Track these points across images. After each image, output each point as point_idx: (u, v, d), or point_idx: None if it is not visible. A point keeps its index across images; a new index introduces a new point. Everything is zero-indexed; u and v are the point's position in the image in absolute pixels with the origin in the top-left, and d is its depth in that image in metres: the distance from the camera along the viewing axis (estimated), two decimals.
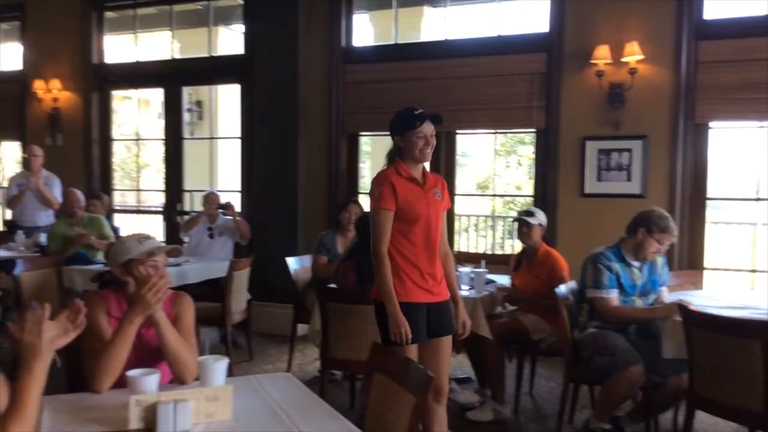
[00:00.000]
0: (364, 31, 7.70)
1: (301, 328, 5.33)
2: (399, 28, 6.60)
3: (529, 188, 7.69)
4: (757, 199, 5.85)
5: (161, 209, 7.69)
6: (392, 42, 6.57)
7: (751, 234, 6.36)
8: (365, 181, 9.33)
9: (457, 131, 6.39)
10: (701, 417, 3.67)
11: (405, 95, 6.23)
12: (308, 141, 6.57)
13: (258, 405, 2.15)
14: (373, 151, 9.22)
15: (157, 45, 8.78)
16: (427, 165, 3.26)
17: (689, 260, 5.45)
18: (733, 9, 5.48)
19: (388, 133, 3.20)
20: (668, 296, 3.89)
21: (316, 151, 6.57)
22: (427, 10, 7.45)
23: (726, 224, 7.71)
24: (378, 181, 3.12)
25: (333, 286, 4.28)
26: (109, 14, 7.85)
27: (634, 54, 5.25)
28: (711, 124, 5.43)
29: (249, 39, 6.87)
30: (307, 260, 5.46)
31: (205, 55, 7.40)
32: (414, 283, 3.08)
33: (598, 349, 3.68)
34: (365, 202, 7.33)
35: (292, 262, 5.37)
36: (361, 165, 7.23)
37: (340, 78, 6.50)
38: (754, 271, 6.12)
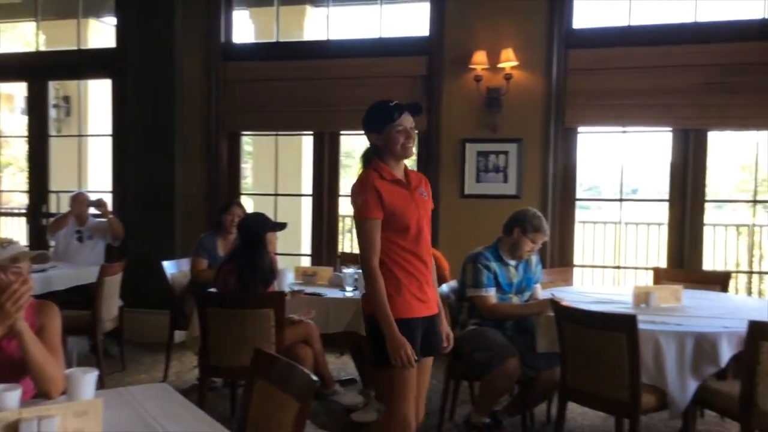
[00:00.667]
0: (245, 27, 7.55)
1: (179, 335, 5.13)
2: (281, 27, 6.51)
3: None
4: (620, 200, 6.23)
5: (24, 211, 7.19)
6: (274, 40, 6.47)
7: (615, 232, 6.80)
8: (248, 182, 9.15)
9: (341, 132, 6.39)
10: (572, 407, 3.85)
11: (287, 95, 6.19)
12: (186, 139, 6.36)
13: (131, 418, 2.03)
14: (255, 151, 9.05)
15: (20, 36, 8.20)
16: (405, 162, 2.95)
17: (560, 258, 5.72)
18: (599, 19, 5.81)
19: (362, 132, 2.92)
20: (542, 293, 4.06)
21: (194, 149, 6.37)
22: (310, 10, 7.41)
23: (593, 223, 8.18)
24: (360, 187, 2.79)
25: (213, 290, 4.15)
26: None
27: (509, 60, 5.45)
28: (579, 128, 5.73)
29: (121, 32, 6.55)
30: (184, 264, 5.27)
31: (74, 48, 6.98)
32: (413, 295, 2.79)
33: (477, 345, 3.78)
34: (247, 203, 7.20)
35: (168, 266, 5.16)
36: (243, 165, 7.08)
37: (220, 75, 6.33)
38: (618, 267, 6.53)
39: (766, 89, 5.20)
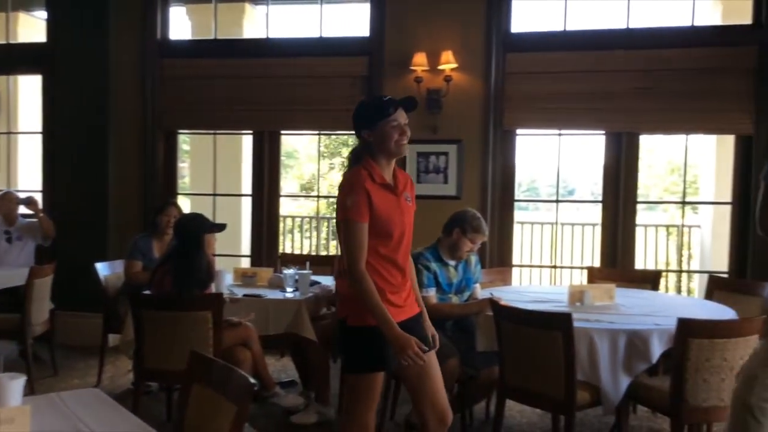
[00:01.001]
0: (182, 24, 7.40)
1: (113, 339, 5.01)
2: (219, 24, 6.41)
3: None
4: (557, 201, 6.37)
5: None
6: (212, 37, 6.37)
7: (552, 233, 6.94)
8: (185, 181, 8.98)
9: (282, 132, 6.34)
10: (510, 405, 3.92)
11: (226, 93, 6.11)
12: (120, 138, 6.20)
13: (61, 425, 1.96)
14: (193, 150, 8.87)
15: None
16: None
17: (499, 258, 5.81)
18: (536, 24, 5.93)
19: (353, 131, 2.78)
20: (481, 292, 4.11)
21: (129, 148, 6.21)
22: (249, 8, 7.31)
23: (530, 224, 8.34)
24: (350, 187, 2.64)
25: (148, 292, 4.05)
26: None
27: (449, 62, 5.50)
28: (518, 131, 5.83)
29: (52, 26, 6.34)
30: (118, 265, 5.14)
31: (2, 42, 6.71)
32: (388, 301, 2.66)
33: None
34: (185, 204, 7.06)
35: (101, 268, 5.03)
36: (181, 165, 6.94)
37: (156, 72, 6.19)
38: (555, 267, 6.66)
39: (694, 94, 5.40)
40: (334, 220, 8.79)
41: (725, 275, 5.49)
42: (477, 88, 5.64)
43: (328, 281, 4.82)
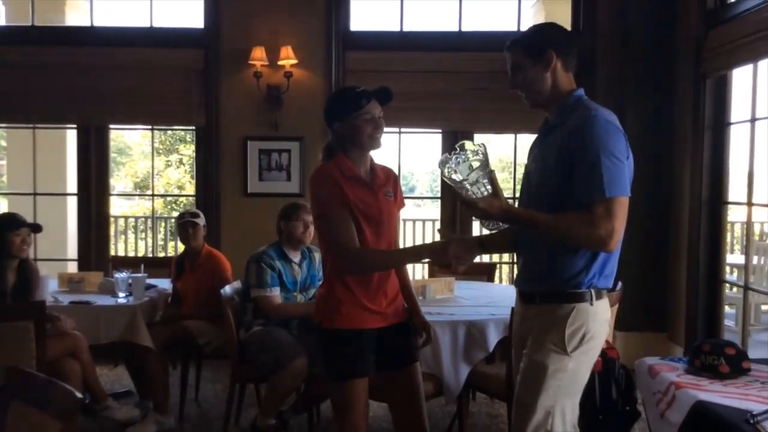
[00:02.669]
0: None
1: None
2: (38, 10, 5.89)
3: (192, 188, 7.50)
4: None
5: None
6: (29, 24, 5.85)
7: (402, 229, 7.11)
8: (3, 180, 8.20)
9: (110, 126, 5.96)
10: None
11: (46, 84, 5.66)
12: None
13: None
14: (10, 146, 8.10)
15: None
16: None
17: None
18: (375, 23, 6.02)
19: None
20: None
21: None
22: None
23: None
24: (318, 180, 2.49)
25: None
26: None
27: (289, 58, 5.44)
28: None
29: None
30: None
31: None
32: (362, 306, 2.47)
33: (263, 347, 3.73)
34: (1, 204, 6.44)
35: None
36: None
37: None
38: None
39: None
40: (173, 220, 8.38)
41: None
42: (318, 85, 5.62)
43: (165, 284, 4.60)
